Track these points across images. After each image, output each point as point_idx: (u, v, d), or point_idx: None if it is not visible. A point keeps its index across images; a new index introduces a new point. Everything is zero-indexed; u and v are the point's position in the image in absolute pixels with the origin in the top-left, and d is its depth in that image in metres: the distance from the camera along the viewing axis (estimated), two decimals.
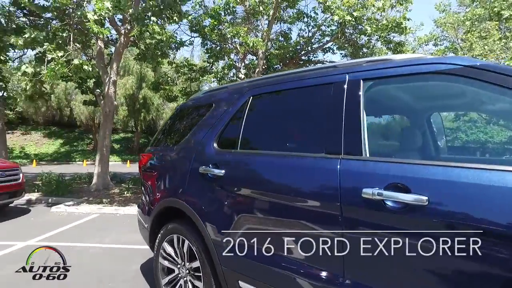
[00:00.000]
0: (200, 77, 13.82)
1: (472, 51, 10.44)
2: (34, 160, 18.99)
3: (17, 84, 7.86)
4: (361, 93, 1.59)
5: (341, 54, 12.02)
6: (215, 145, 2.26)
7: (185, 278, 2.30)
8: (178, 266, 2.36)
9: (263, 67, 12.22)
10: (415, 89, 1.64)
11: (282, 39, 12.65)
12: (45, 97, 11.85)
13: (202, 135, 2.40)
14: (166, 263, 2.45)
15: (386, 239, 1.30)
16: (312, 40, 12.27)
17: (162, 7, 6.19)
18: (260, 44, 9.52)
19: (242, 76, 12.91)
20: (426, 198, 1.20)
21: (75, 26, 6.06)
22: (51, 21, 6.91)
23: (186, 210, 2.23)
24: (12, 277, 2.97)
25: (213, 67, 13.61)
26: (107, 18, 6.48)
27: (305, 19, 11.81)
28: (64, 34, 6.15)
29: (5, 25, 7.84)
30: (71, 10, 5.99)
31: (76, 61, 5.85)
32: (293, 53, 12.15)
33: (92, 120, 24.35)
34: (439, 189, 1.20)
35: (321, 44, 11.83)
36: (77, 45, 8.42)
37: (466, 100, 1.61)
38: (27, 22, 8.39)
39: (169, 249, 2.42)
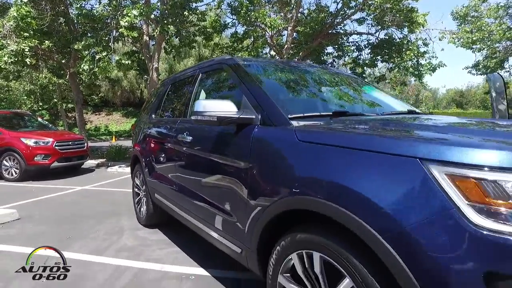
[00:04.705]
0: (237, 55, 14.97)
1: None
2: (114, 136, 22.95)
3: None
4: (198, 80, 2.75)
5: (367, 25, 12.02)
6: (153, 115, 3.61)
7: (143, 198, 3.78)
8: (141, 191, 3.84)
9: (292, 44, 12.91)
10: (217, 76, 2.69)
11: (315, 14, 12.87)
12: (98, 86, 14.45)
13: (150, 109, 3.78)
14: (136, 190, 3.97)
15: (183, 156, 2.54)
16: (341, 13, 12.40)
17: (175, 8, 7.57)
18: (277, 23, 10.32)
19: (273, 53, 13.83)
20: (191, 137, 2.38)
21: (114, 30, 7.85)
22: (100, 27, 8.87)
23: (138, 156, 3.68)
24: (70, 198, 4.91)
25: (254, 44, 14.44)
26: (140, 22, 8.14)
27: None
28: (107, 38, 8.03)
29: (75, 31, 10.19)
30: (111, 19, 7.75)
31: (116, 58, 7.70)
32: (320, 28, 12.50)
33: None
34: (193, 132, 2.38)
35: (345, 16, 11.96)
36: (126, 43, 10.39)
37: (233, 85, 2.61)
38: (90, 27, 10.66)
39: (137, 181, 3.93)
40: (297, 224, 1.50)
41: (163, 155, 3.00)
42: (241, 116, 1.83)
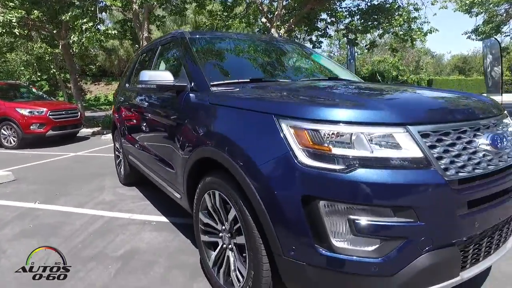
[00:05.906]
0: (232, 24, 14.75)
1: None
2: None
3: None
4: (157, 52, 3.04)
5: None
6: (127, 84, 3.93)
7: (122, 159, 4.20)
8: (120, 153, 4.25)
9: (283, 11, 12.70)
10: (171, 48, 2.96)
11: None
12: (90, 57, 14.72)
13: (126, 78, 4.09)
14: (116, 153, 4.39)
15: (143, 120, 2.89)
16: None
17: None
18: None
19: (264, 20, 13.66)
20: (147, 103, 2.72)
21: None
22: None
23: (115, 121, 4.05)
24: (64, 164, 5.38)
25: (247, 12, 14.21)
26: None
27: None
28: (93, 8, 8.11)
29: (63, 1, 10.16)
30: None
31: (103, 28, 7.84)
32: None
33: None
34: (148, 98, 2.71)
35: None
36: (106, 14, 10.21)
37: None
38: None
39: (117, 144, 4.33)
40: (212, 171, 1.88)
41: (131, 119, 3.37)
42: (176, 84, 2.16)
